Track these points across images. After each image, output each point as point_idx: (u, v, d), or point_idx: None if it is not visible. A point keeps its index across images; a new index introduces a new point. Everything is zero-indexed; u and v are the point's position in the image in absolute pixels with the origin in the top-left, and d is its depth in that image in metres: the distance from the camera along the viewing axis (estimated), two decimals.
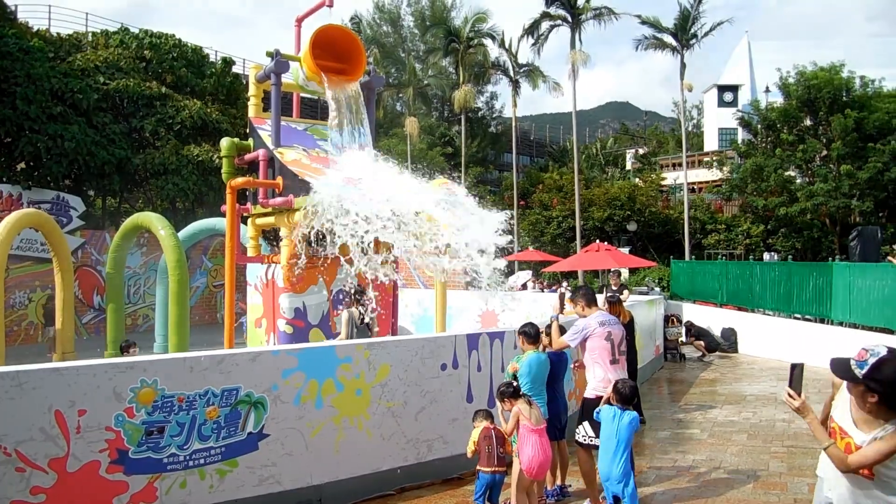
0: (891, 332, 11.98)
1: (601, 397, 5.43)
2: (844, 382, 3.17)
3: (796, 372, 3.32)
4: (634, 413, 5.10)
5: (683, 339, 14.76)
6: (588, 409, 5.56)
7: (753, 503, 5.76)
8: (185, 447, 4.99)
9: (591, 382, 5.66)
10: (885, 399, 2.96)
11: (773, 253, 28.19)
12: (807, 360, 14.07)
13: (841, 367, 3.10)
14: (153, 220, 11.49)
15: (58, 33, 22.04)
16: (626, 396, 5.08)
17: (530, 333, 5.74)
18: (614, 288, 11.44)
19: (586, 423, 5.54)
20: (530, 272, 25.52)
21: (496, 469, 5.14)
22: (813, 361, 13.11)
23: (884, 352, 2.98)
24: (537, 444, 5.11)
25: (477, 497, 5.18)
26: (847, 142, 25.47)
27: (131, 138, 19.99)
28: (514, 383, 5.41)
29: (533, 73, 34.86)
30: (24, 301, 16.32)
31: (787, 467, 6.78)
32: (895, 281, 11.94)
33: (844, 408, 3.21)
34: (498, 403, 5.39)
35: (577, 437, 5.63)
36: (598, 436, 5.31)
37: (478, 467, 5.22)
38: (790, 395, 3.27)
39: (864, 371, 2.98)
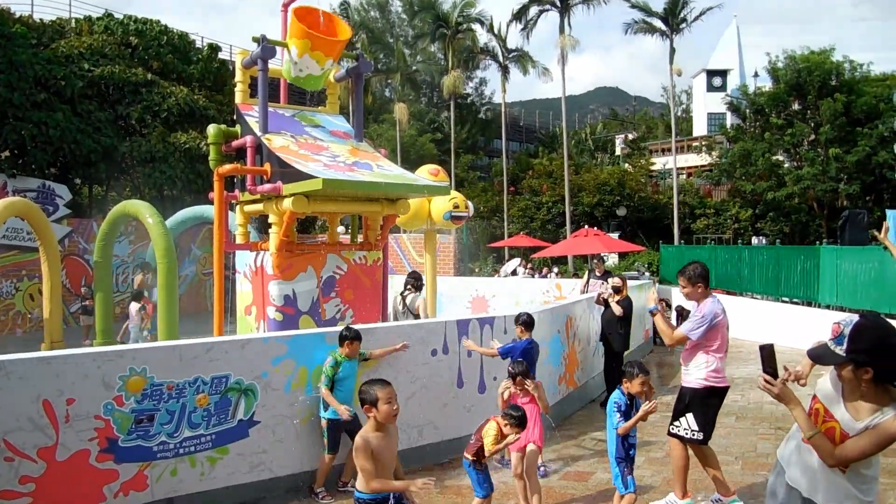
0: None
1: (712, 388, 5.07)
2: None
3: (766, 353, 2.93)
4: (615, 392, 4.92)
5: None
6: (694, 400, 5.13)
7: (741, 484, 5.82)
8: (175, 435, 4.98)
9: (698, 371, 5.16)
10: (881, 370, 2.62)
11: (761, 237, 28.40)
12: (795, 343, 14.10)
13: (821, 353, 2.79)
14: (141, 208, 11.37)
15: (41, 19, 21.71)
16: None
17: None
18: (598, 274, 11.39)
19: (690, 416, 5.11)
20: (519, 259, 25.57)
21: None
22: (801, 344, 13.30)
23: (856, 318, 2.70)
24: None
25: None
26: (835, 126, 25.60)
27: (117, 126, 19.75)
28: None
29: (522, 58, 34.75)
30: (11, 290, 16.21)
31: (774, 449, 6.78)
32: (882, 263, 12.05)
33: (834, 387, 2.87)
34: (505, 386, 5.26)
35: (673, 430, 5.21)
36: (701, 430, 5.03)
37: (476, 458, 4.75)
38: (767, 382, 2.86)
39: (844, 346, 2.66)
